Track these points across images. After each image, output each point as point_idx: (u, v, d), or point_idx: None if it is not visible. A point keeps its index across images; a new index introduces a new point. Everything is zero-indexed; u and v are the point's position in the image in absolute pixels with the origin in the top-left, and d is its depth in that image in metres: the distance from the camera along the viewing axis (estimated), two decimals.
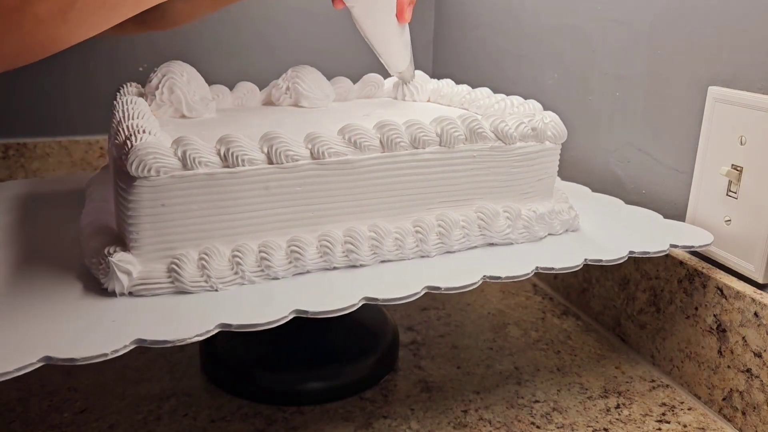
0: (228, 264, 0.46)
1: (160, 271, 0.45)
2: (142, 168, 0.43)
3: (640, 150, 0.65)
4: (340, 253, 0.48)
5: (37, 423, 0.52)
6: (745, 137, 0.53)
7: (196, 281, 0.45)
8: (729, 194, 0.54)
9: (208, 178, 0.45)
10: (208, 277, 0.45)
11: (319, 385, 0.56)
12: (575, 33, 0.74)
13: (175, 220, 0.45)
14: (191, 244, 0.46)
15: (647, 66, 0.63)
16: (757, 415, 0.51)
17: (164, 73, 0.58)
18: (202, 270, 0.45)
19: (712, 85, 0.56)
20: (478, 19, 0.97)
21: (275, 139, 0.46)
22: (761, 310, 0.50)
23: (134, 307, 0.43)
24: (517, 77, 0.87)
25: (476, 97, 0.65)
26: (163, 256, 0.45)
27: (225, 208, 0.46)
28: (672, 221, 0.60)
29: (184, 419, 0.53)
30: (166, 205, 0.44)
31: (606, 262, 0.51)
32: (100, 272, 0.45)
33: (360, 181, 0.49)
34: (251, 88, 0.67)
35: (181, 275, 0.44)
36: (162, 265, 0.45)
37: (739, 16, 0.53)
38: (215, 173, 0.45)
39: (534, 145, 0.55)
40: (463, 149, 0.52)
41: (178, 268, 0.44)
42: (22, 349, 0.37)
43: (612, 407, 0.55)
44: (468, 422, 0.53)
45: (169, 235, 0.45)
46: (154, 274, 0.44)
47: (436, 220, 0.51)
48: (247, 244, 0.46)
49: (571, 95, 0.76)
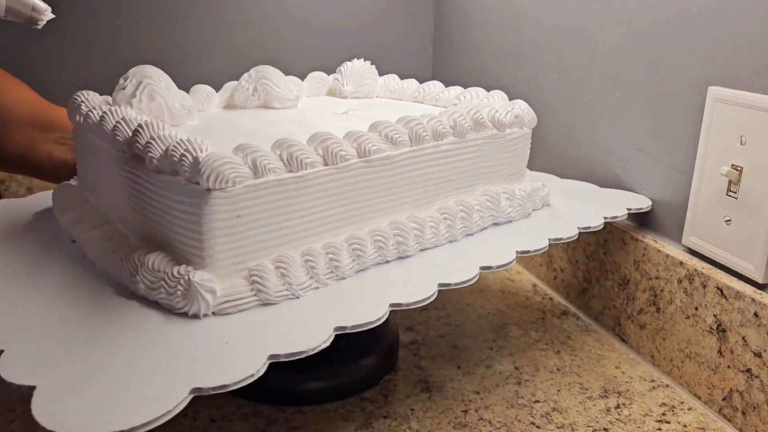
0: (303, 269, 0.46)
1: (242, 285, 0.43)
2: (218, 180, 0.41)
3: (640, 150, 0.65)
4: (392, 246, 0.50)
5: (37, 423, 0.52)
6: (745, 137, 0.53)
7: (279, 291, 0.44)
8: (729, 194, 0.54)
9: (278, 184, 0.44)
10: (290, 285, 0.45)
11: (319, 385, 0.56)
12: (575, 33, 0.74)
13: (249, 230, 0.44)
14: (263, 253, 0.45)
15: (647, 66, 0.63)
16: (757, 415, 0.51)
17: (140, 80, 0.54)
18: (283, 279, 0.44)
19: (712, 85, 0.56)
20: (478, 19, 0.97)
21: (328, 139, 0.47)
22: (761, 310, 0.50)
23: (227, 325, 0.42)
24: (517, 77, 0.87)
25: (431, 91, 0.69)
26: (238, 269, 0.44)
27: (290, 213, 0.46)
28: (612, 190, 0.69)
29: (184, 419, 0.53)
30: (241, 215, 0.43)
31: (566, 239, 0.57)
32: (175, 296, 0.42)
33: (396, 176, 0.51)
34: (209, 92, 0.64)
35: (266, 287, 0.43)
36: (240, 279, 0.44)
37: (739, 16, 0.53)
38: (283, 179, 0.45)
39: (517, 131, 0.60)
40: (471, 139, 0.55)
41: (261, 280, 0.43)
42: (166, 385, 0.36)
43: (612, 407, 0.55)
44: (468, 422, 0.53)
45: (243, 247, 0.44)
46: (238, 289, 0.43)
47: (458, 206, 0.55)
48: (314, 247, 0.47)
49: (571, 95, 0.76)
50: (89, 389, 0.36)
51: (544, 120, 0.82)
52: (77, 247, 0.52)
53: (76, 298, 0.45)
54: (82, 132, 0.54)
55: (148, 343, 0.40)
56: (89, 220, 0.52)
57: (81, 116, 0.53)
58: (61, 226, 0.55)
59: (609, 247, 0.67)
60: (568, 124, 0.77)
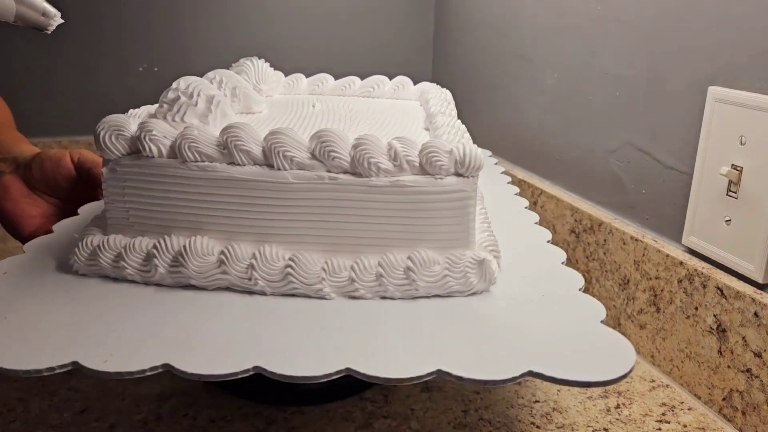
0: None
1: (493, 261, 0.48)
2: (478, 167, 0.46)
3: (640, 150, 0.65)
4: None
5: (37, 423, 0.52)
6: (745, 137, 0.53)
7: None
8: (729, 194, 0.54)
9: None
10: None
11: (319, 385, 0.56)
12: (575, 33, 0.74)
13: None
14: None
15: (647, 66, 0.63)
16: (757, 415, 0.51)
17: (207, 92, 0.52)
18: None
19: (712, 85, 0.56)
20: (478, 19, 0.98)
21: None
22: (761, 310, 0.50)
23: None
24: (517, 77, 0.87)
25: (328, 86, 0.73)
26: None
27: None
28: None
29: (184, 419, 0.53)
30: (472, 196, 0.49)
31: None
32: (470, 278, 0.46)
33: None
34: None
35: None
36: (489, 254, 0.48)
37: (739, 16, 0.53)
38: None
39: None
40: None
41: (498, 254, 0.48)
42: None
43: (612, 407, 0.55)
44: (468, 422, 0.53)
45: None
46: (492, 265, 0.48)
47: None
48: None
49: (571, 95, 0.76)
50: None
51: (544, 120, 0.82)
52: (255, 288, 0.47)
53: None
54: (167, 167, 0.48)
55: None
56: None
57: (191, 151, 0.46)
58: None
59: (609, 247, 0.67)
60: (568, 124, 0.77)
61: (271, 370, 0.38)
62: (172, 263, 0.46)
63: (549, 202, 0.79)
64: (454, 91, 1.07)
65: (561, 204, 0.76)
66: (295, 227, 0.47)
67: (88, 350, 0.39)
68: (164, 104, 0.51)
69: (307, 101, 0.68)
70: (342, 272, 0.46)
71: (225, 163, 0.47)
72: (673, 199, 0.61)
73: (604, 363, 0.39)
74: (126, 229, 0.49)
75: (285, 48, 1.06)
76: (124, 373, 0.37)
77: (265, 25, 1.05)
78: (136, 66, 1.02)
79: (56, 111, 1.01)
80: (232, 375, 0.37)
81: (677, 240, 0.61)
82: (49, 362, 0.38)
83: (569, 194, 0.77)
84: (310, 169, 0.46)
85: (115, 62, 1.01)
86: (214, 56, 1.01)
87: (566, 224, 0.75)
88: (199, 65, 0.98)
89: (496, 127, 0.95)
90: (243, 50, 1.02)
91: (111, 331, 0.41)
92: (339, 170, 0.46)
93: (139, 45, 1.01)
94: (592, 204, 0.73)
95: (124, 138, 0.47)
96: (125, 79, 1.02)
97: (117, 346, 0.40)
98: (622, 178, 0.68)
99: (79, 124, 1.02)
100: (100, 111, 1.10)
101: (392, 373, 0.38)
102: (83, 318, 0.43)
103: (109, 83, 1.01)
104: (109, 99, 1.02)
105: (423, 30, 1.12)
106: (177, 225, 0.48)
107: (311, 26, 1.07)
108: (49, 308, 0.44)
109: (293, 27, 1.06)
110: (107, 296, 0.46)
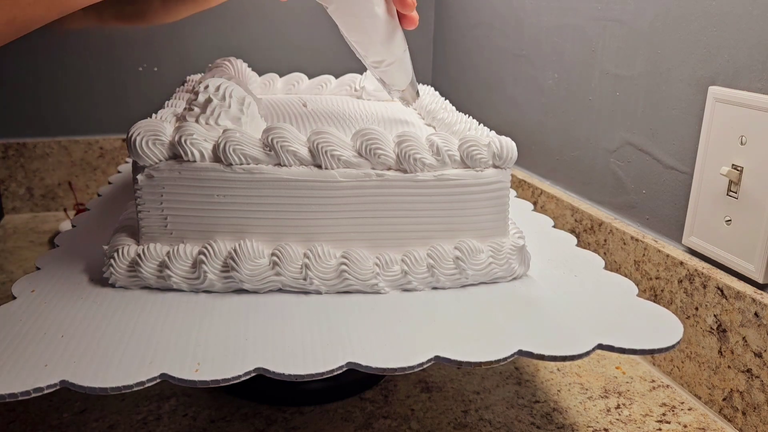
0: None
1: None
2: (513, 159, 0.49)
3: (640, 150, 0.65)
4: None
5: (37, 423, 0.52)
6: (745, 137, 0.53)
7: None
8: (729, 194, 0.54)
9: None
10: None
11: (319, 385, 0.56)
12: (575, 33, 0.74)
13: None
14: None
15: (647, 66, 0.63)
16: (758, 415, 0.51)
17: (237, 94, 0.51)
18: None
19: (712, 85, 0.56)
20: (478, 19, 0.97)
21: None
22: (761, 310, 0.50)
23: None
24: (517, 77, 0.87)
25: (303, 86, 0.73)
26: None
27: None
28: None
29: (184, 419, 0.53)
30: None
31: None
32: (512, 264, 0.49)
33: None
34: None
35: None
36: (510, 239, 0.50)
37: (739, 16, 0.53)
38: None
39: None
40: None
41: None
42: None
43: (612, 407, 0.55)
44: (468, 422, 0.53)
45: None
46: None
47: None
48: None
49: (571, 95, 0.76)
50: None
51: (544, 120, 0.82)
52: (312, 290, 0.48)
53: None
54: (207, 172, 0.46)
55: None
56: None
57: (236, 154, 0.45)
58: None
59: (609, 247, 0.67)
60: (568, 124, 0.77)
61: (368, 365, 0.40)
62: (222, 269, 0.46)
63: (549, 202, 0.79)
64: (455, 91, 1.07)
65: (561, 204, 0.76)
66: (342, 225, 0.48)
67: (173, 361, 0.38)
68: (195, 107, 0.49)
69: (296, 101, 0.68)
70: (394, 266, 0.47)
71: (271, 164, 0.46)
72: (673, 199, 0.61)
73: (657, 332, 0.43)
74: (162, 237, 0.47)
75: (285, 48, 1.06)
76: (220, 381, 0.37)
77: (264, 24, 1.05)
78: (136, 66, 1.02)
79: (56, 111, 1.01)
80: (329, 373, 0.39)
81: (677, 240, 0.61)
82: (137, 377, 0.37)
83: (569, 194, 0.77)
84: (357, 167, 0.47)
85: (115, 62, 1.01)
86: (214, 56, 1.01)
87: (566, 224, 0.75)
88: (200, 65, 0.98)
89: (496, 127, 0.94)
90: (242, 49, 1.02)
91: (190, 341, 0.41)
92: (383, 167, 0.47)
93: (139, 45, 1.01)
94: (592, 204, 0.73)
95: (161, 143, 0.45)
96: (124, 79, 1.02)
97: (202, 355, 0.39)
98: (623, 178, 0.68)
99: (78, 124, 1.02)
100: (99, 111, 1.10)
101: (478, 357, 0.40)
102: (158, 330, 0.42)
103: (109, 83, 1.01)
104: (109, 99, 1.02)
105: (423, 30, 1.12)
106: (221, 229, 0.47)
107: (311, 26, 1.07)
108: (108, 323, 0.42)
109: (293, 27, 1.06)
110: (158, 306, 0.45)
